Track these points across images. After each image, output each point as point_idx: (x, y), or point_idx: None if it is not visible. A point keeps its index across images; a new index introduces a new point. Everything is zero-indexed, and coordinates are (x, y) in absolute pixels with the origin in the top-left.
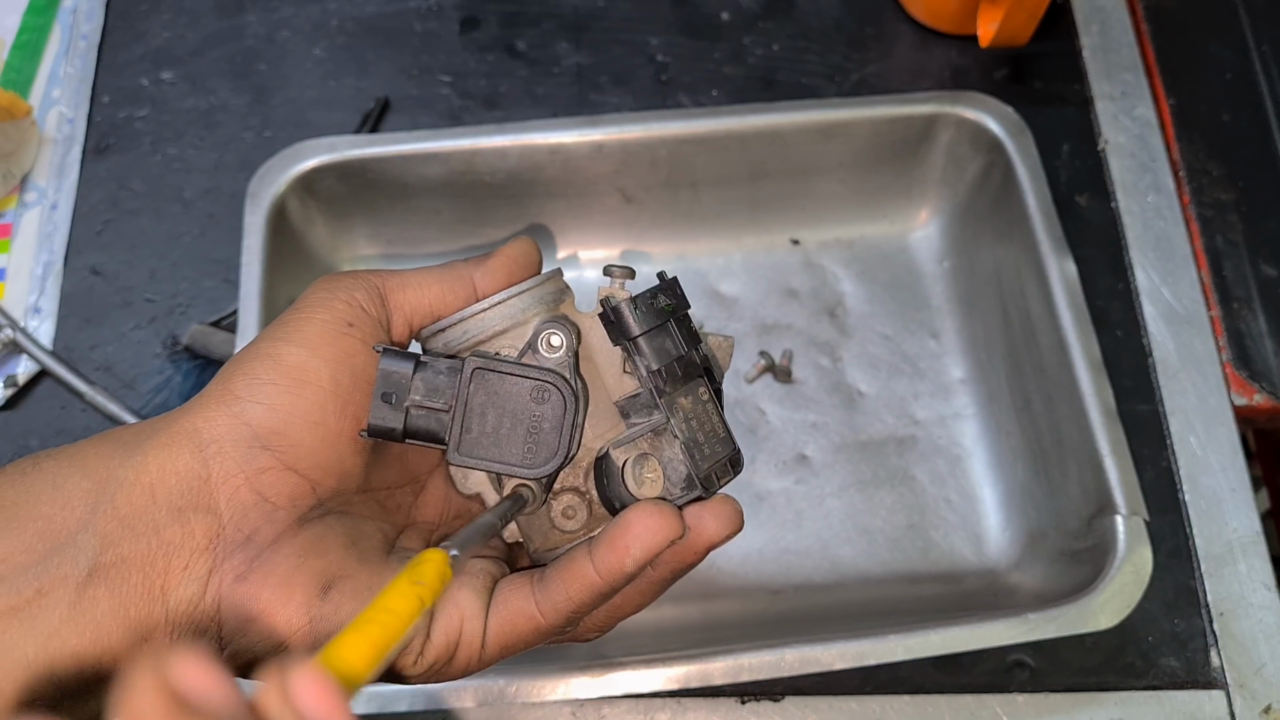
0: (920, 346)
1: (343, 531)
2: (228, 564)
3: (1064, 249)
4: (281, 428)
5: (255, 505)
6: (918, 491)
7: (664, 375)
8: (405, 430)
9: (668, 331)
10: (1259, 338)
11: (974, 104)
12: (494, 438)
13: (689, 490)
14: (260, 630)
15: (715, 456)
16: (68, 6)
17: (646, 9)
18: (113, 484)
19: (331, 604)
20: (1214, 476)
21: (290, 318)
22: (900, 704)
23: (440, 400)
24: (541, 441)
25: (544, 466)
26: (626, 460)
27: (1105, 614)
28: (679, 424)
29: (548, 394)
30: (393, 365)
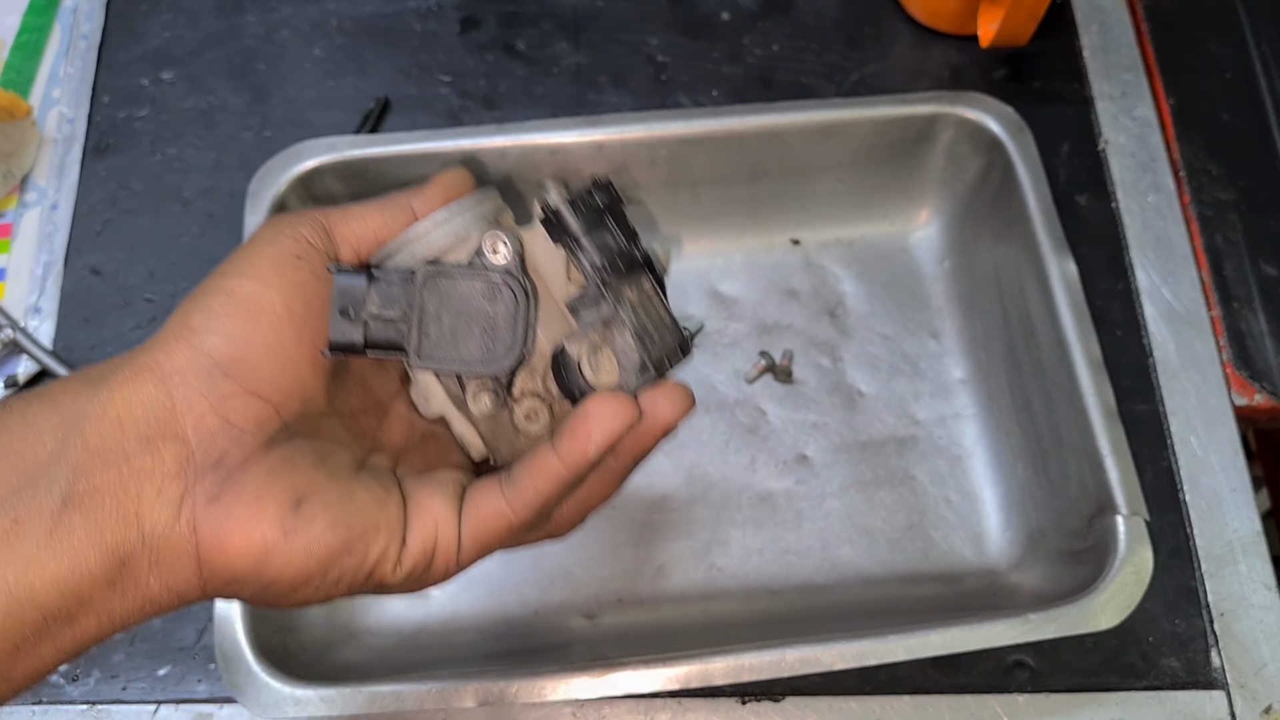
0: (920, 346)
1: (310, 451)
2: (199, 487)
3: (1064, 249)
4: (240, 355)
5: (222, 430)
6: (918, 492)
7: (608, 269)
8: (365, 341)
9: (607, 227)
10: (1259, 337)
11: (974, 104)
12: (451, 340)
13: (644, 375)
14: (237, 546)
15: (665, 343)
16: (68, 6)
17: (645, 8)
18: (80, 417)
19: (304, 516)
20: (1214, 476)
21: (240, 254)
22: (900, 704)
23: (396, 310)
24: (498, 338)
25: (502, 361)
26: (581, 352)
27: (1106, 614)
28: (627, 313)
29: (499, 293)
30: (347, 281)
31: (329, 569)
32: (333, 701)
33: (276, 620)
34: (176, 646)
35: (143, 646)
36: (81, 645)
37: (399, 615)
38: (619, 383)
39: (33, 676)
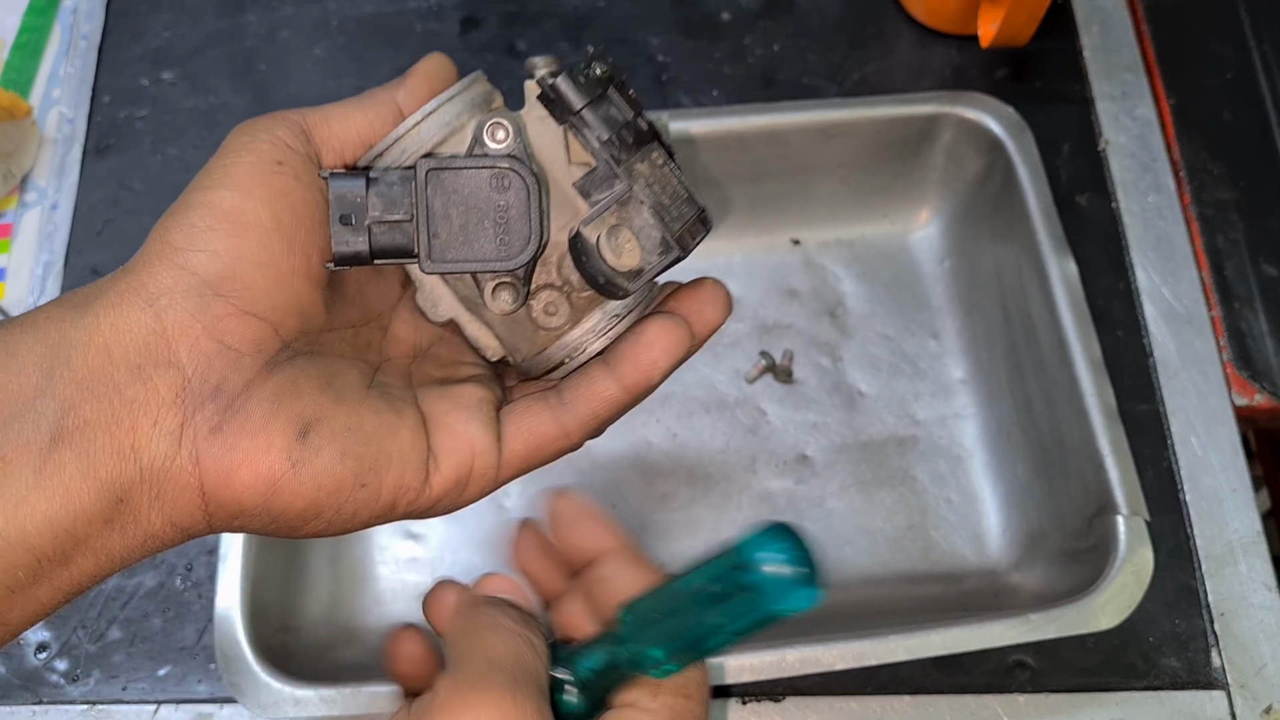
0: (921, 347)
1: (315, 373)
2: (199, 416)
3: (1064, 249)
4: (230, 272)
5: (218, 354)
6: (918, 492)
7: (617, 143)
8: (372, 250)
9: (610, 100)
10: (1260, 337)
11: (974, 104)
12: (463, 237)
13: (666, 253)
14: (243, 479)
15: (684, 217)
16: (68, 6)
17: (646, 8)
18: (66, 346)
19: (311, 446)
20: (1215, 476)
21: (215, 164)
22: (901, 704)
23: (400, 211)
24: (512, 230)
25: (522, 254)
26: (599, 235)
27: (1106, 614)
28: (642, 189)
29: (507, 180)
30: (344, 186)
31: (341, 501)
32: (333, 701)
33: (276, 620)
34: (176, 646)
35: (143, 646)
36: (80, 585)
37: (399, 615)
38: (641, 263)
39: (30, 619)
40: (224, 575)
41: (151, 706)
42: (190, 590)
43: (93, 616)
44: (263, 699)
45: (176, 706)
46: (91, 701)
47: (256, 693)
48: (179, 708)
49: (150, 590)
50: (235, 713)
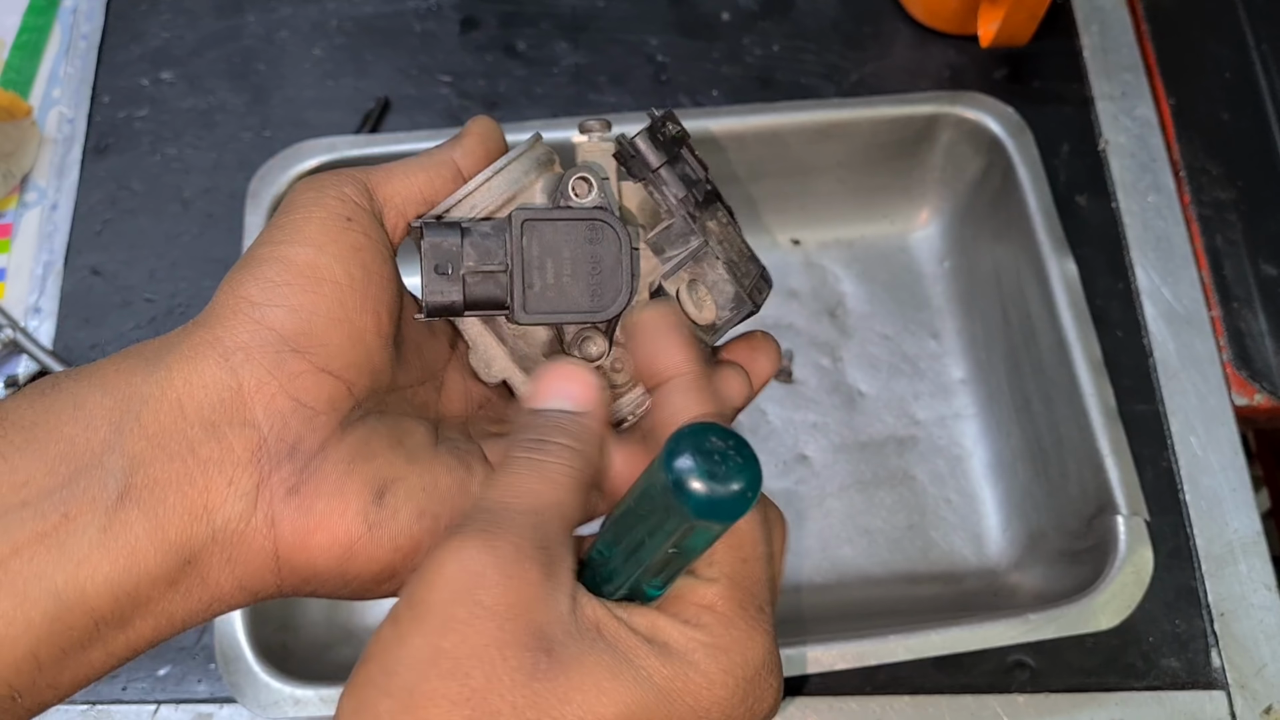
0: (920, 347)
1: (386, 432)
2: (275, 476)
3: (1064, 249)
4: (307, 329)
5: (294, 412)
6: (918, 492)
7: (692, 201)
8: (465, 301)
9: (684, 159)
10: (1259, 337)
11: (974, 104)
12: (557, 288)
13: (739, 308)
14: (320, 543)
15: (751, 273)
16: (68, 6)
17: (645, 9)
18: (137, 401)
19: (388, 509)
20: (1214, 477)
21: (285, 220)
22: (900, 704)
23: (495, 262)
24: (605, 281)
25: (614, 305)
26: (679, 288)
27: (1106, 614)
28: (715, 246)
29: (600, 232)
30: (438, 237)
31: (416, 561)
32: (333, 701)
33: (276, 620)
34: (176, 646)
35: None
36: (135, 649)
37: None
38: (716, 318)
39: (80, 682)
40: None
41: (151, 706)
42: None
43: None
44: (263, 699)
45: (176, 706)
46: (91, 702)
47: (256, 693)
48: (179, 708)
49: None
50: (235, 713)
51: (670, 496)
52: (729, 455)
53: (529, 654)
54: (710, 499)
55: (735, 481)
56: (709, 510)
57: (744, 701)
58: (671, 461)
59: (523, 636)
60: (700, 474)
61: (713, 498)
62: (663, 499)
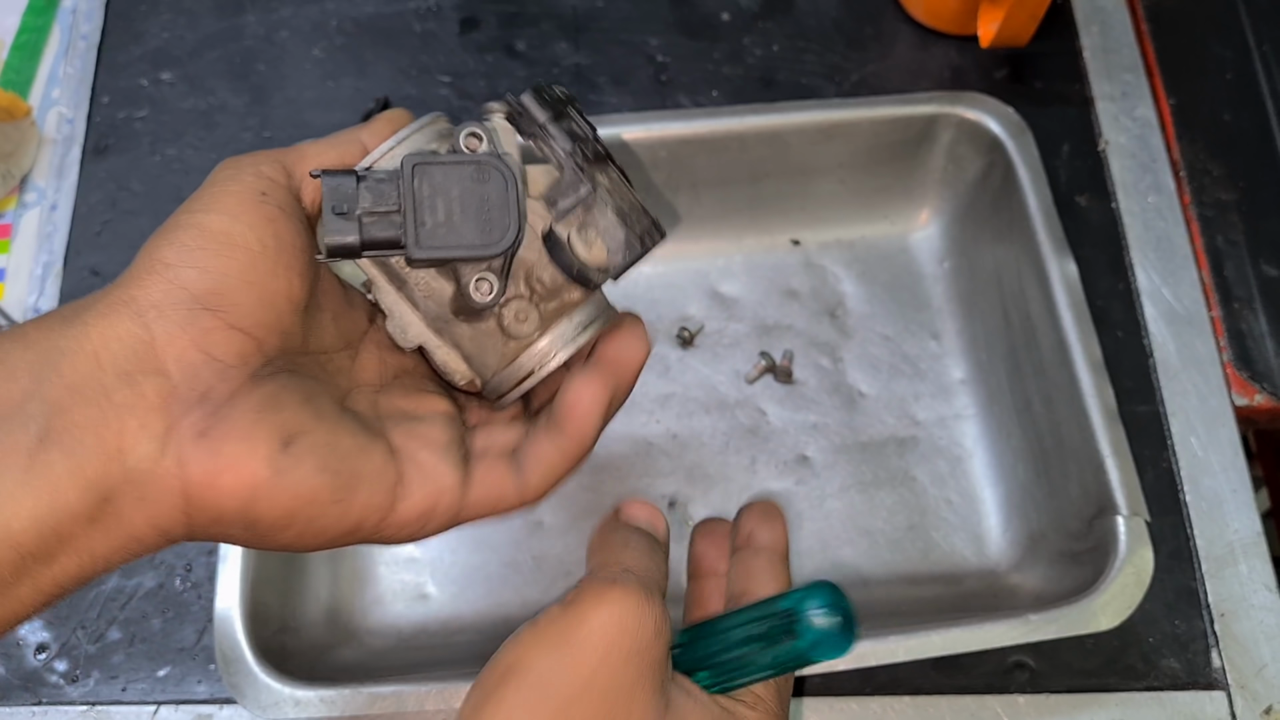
0: (921, 347)
1: (297, 388)
2: (185, 421)
3: (1064, 249)
4: (218, 289)
5: (205, 364)
6: (918, 492)
7: (580, 154)
8: (362, 241)
9: (571, 117)
10: (1260, 338)
11: (974, 104)
12: (448, 226)
13: (630, 251)
14: (226, 485)
15: (642, 222)
16: (67, 6)
17: (645, 9)
18: (56, 354)
19: (293, 457)
20: (1215, 477)
21: (203, 192)
22: (900, 705)
23: (389, 203)
24: (494, 220)
25: (503, 240)
26: (570, 232)
27: (1106, 615)
28: (604, 194)
29: (488, 174)
30: (335, 181)
31: (314, 515)
32: (333, 702)
33: (276, 621)
34: (176, 647)
35: (142, 647)
36: (63, 586)
37: (399, 615)
38: (607, 260)
39: (11, 619)
40: (224, 575)
41: (151, 707)
42: (190, 591)
43: (92, 617)
44: (263, 699)
45: (176, 707)
46: (91, 702)
47: (256, 693)
48: (179, 708)
49: (150, 591)
50: (235, 713)
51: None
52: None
53: (659, 697)
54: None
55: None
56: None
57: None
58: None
59: (656, 684)
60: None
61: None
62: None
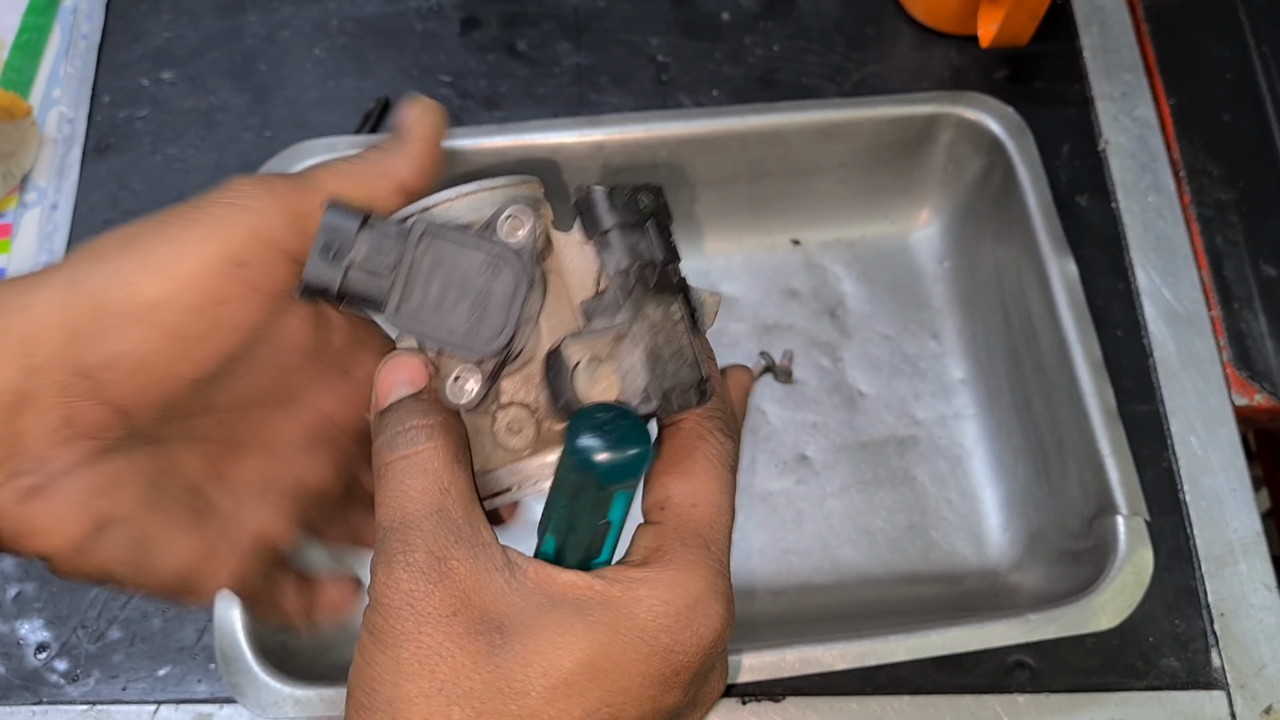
0: (921, 347)
1: (147, 469)
2: (15, 482)
3: (1064, 249)
4: (111, 363)
5: (58, 431)
6: (918, 492)
7: (633, 276)
8: (340, 290)
9: (644, 233)
10: (1260, 338)
11: (974, 104)
12: (436, 308)
13: (645, 404)
14: (30, 546)
15: (679, 377)
16: (68, 6)
17: (647, 9)
18: None
19: (98, 543)
20: (1215, 477)
21: (178, 234)
22: (901, 704)
23: (384, 261)
24: (486, 319)
25: (485, 344)
26: (580, 361)
27: (1106, 614)
28: (643, 331)
29: (499, 269)
30: (337, 219)
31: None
32: (333, 702)
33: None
34: (176, 646)
35: (143, 647)
36: None
37: None
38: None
39: None
40: None
41: (151, 706)
42: None
43: (93, 617)
44: (263, 699)
45: (176, 706)
46: (91, 702)
47: (256, 693)
48: (179, 708)
49: None
50: (235, 713)
51: (580, 473)
52: (618, 423)
53: (482, 637)
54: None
55: (631, 446)
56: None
57: (687, 626)
58: (574, 443)
59: (471, 625)
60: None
61: (615, 463)
62: (576, 478)
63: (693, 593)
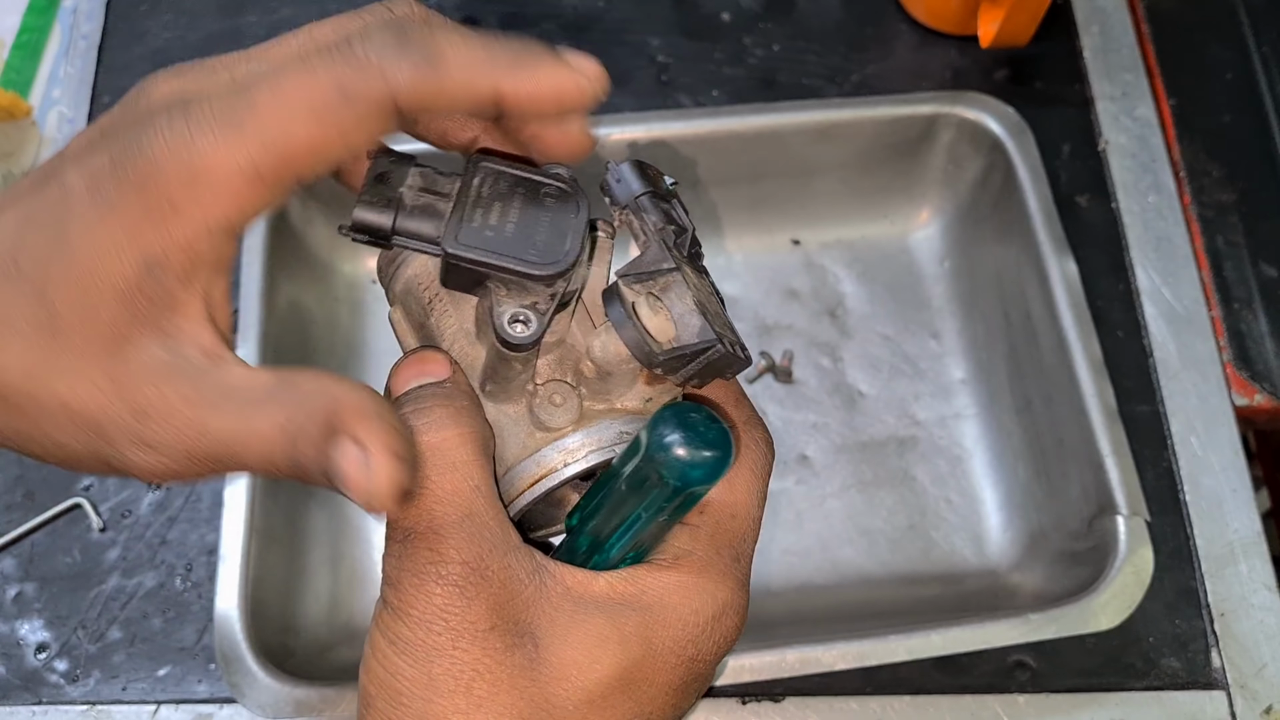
0: (921, 347)
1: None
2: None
3: (1065, 249)
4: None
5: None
6: (918, 492)
7: (672, 236)
8: (395, 226)
9: (673, 205)
10: (1260, 338)
11: (974, 104)
12: (497, 231)
13: (704, 335)
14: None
15: (727, 329)
16: (68, 6)
17: (647, 9)
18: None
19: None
20: (1215, 477)
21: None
22: (901, 704)
23: (440, 190)
24: (551, 242)
25: (556, 263)
26: (638, 299)
27: (1106, 614)
28: (689, 279)
29: (559, 197)
30: (386, 159)
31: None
32: (333, 702)
33: (277, 620)
34: (176, 647)
35: (143, 647)
36: None
37: None
38: (675, 334)
39: None
40: (224, 575)
41: (151, 706)
42: (190, 590)
43: (93, 617)
44: (263, 699)
45: (176, 706)
46: (91, 702)
47: (256, 693)
48: (179, 708)
49: (150, 590)
50: (235, 713)
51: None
52: (710, 425)
53: (519, 651)
54: (703, 467)
55: (720, 450)
56: (702, 478)
57: (709, 636)
58: (663, 439)
59: (507, 638)
60: (695, 453)
61: (704, 466)
62: (646, 475)
63: (720, 604)
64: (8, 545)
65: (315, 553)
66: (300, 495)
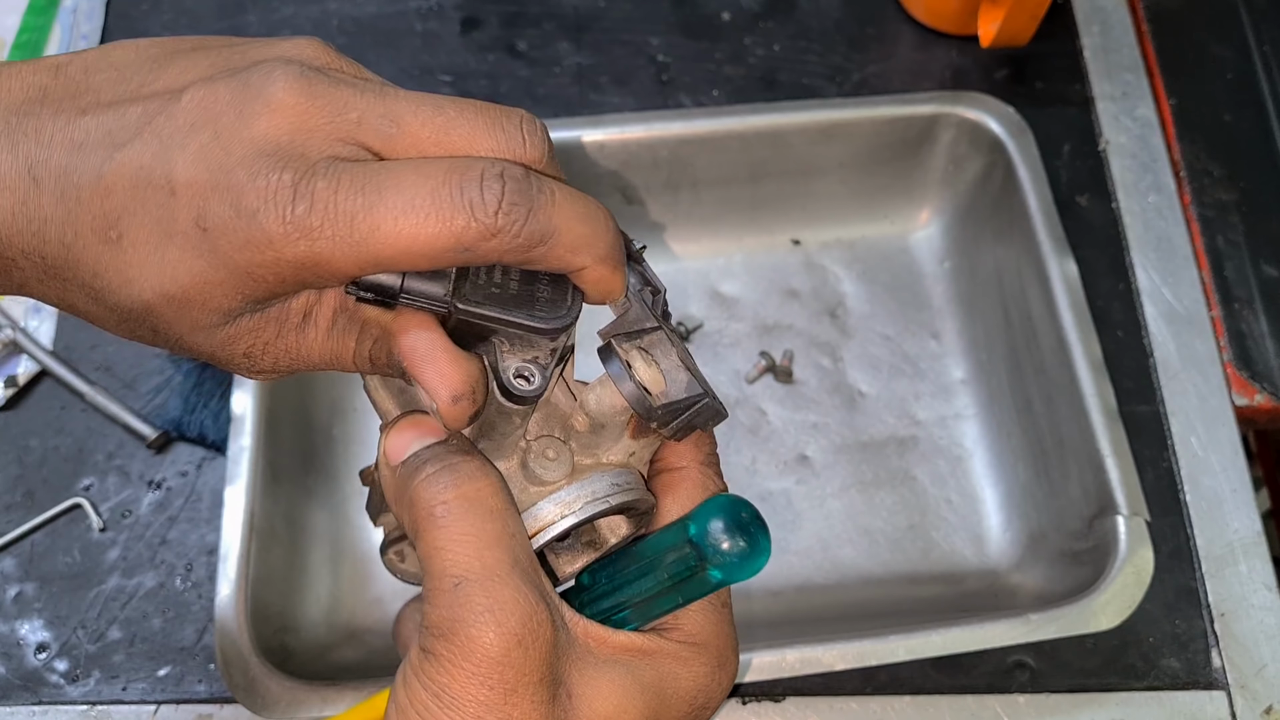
0: (921, 347)
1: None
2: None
3: (1065, 249)
4: None
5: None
6: (918, 492)
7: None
8: (403, 286)
9: (644, 266)
10: (1260, 338)
11: (975, 104)
12: (503, 289)
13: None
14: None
15: (706, 387)
16: (68, 6)
17: (647, 9)
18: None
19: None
20: (1215, 477)
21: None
22: (901, 705)
23: None
24: (550, 300)
25: (560, 318)
26: (631, 351)
27: (1106, 615)
28: (671, 338)
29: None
30: None
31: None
32: (333, 702)
33: (277, 620)
34: (176, 647)
35: (143, 647)
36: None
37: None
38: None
39: None
40: (224, 575)
41: (151, 707)
42: (190, 590)
43: (92, 617)
44: (263, 699)
45: (176, 706)
46: (91, 702)
47: (256, 693)
48: (179, 708)
49: (150, 590)
50: (235, 713)
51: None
52: (757, 525)
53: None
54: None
55: (763, 551)
56: (739, 573)
57: (718, 683)
58: (711, 533)
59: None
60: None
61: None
62: (685, 561)
63: (723, 652)
64: (8, 545)
65: (315, 553)
66: (300, 495)
